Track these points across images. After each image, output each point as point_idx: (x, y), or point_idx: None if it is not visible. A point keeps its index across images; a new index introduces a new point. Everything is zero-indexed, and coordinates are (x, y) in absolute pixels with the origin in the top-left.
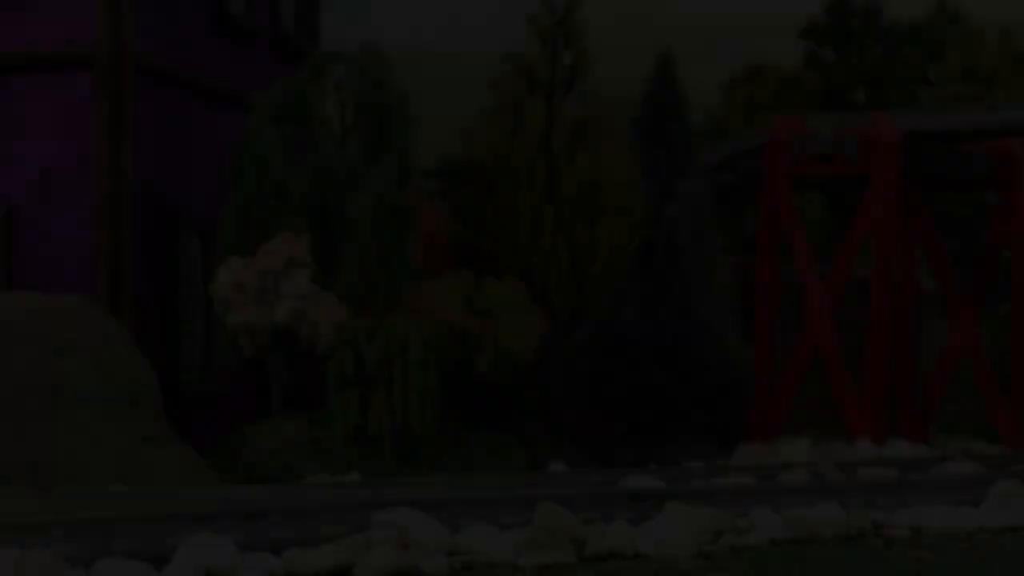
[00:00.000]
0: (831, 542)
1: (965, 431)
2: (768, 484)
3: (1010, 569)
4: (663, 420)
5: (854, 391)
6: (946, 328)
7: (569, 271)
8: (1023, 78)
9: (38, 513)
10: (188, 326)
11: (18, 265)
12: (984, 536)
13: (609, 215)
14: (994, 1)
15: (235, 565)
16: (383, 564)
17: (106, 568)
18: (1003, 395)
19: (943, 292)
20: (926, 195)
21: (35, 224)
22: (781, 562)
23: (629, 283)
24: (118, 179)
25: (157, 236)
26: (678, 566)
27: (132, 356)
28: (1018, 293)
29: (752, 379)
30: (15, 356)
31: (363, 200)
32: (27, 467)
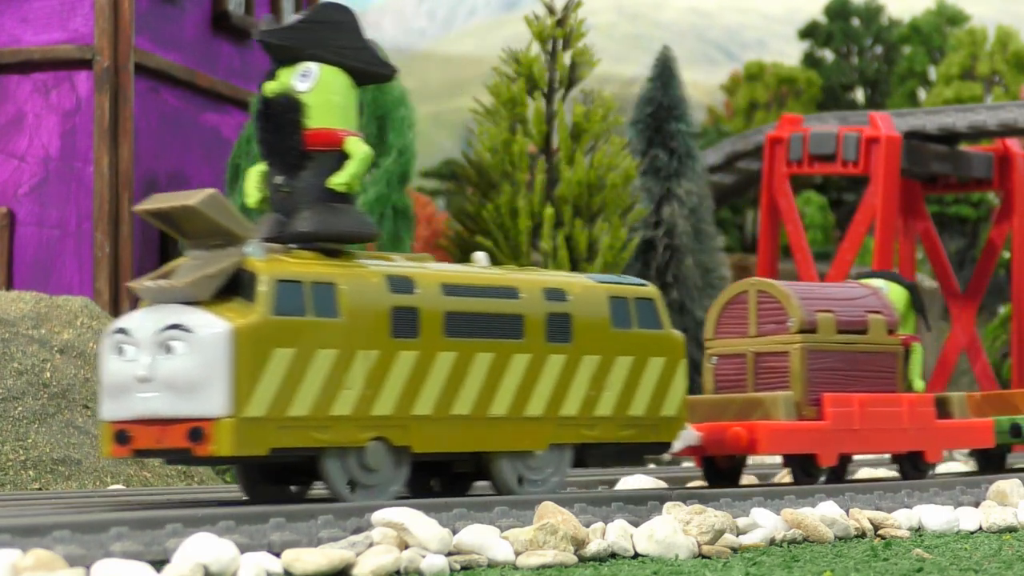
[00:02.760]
0: (831, 542)
1: None
2: (768, 484)
3: (1009, 569)
4: None
5: None
6: (946, 328)
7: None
8: (1023, 78)
9: (38, 513)
10: None
11: (18, 265)
12: (984, 536)
13: (609, 215)
14: (994, 1)
15: (235, 566)
16: (383, 564)
17: (106, 568)
18: None
19: (943, 292)
20: (926, 195)
21: (35, 224)
22: (781, 562)
23: None
24: (118, 179)
25: (157, 236)
26: (678, 566)
27: None
28: (1018, 293)
29: None
30: (15, 356)
31: (363, 200)
32: (27, 467)
